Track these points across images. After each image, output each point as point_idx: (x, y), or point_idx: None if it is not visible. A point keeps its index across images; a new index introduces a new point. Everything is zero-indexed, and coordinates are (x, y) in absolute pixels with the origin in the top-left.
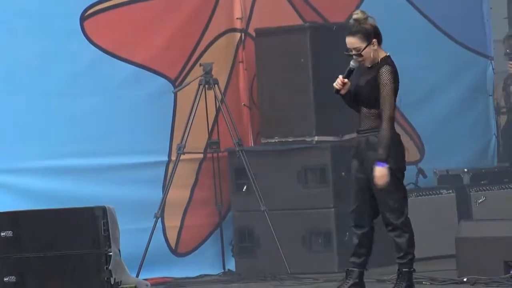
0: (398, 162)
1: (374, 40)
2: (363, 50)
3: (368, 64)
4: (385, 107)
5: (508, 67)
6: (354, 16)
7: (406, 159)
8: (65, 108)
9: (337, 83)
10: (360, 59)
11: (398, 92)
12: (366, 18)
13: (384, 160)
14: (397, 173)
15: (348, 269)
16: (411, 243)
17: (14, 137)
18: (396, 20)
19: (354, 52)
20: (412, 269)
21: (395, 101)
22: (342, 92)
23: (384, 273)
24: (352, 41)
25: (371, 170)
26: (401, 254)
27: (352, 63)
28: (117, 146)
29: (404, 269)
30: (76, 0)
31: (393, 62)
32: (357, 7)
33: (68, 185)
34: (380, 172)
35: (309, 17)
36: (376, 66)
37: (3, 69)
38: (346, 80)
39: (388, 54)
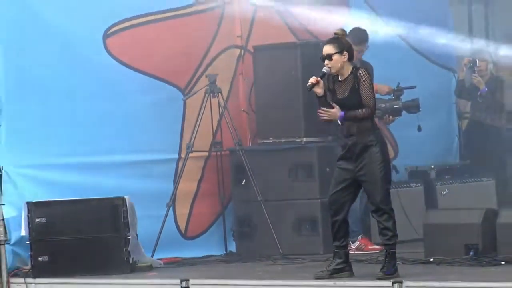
0: (387, 158)
1: (345, 52)
2: (333, 55)
3: (334, 72)
4: (368, 100)
5: (472, 78)
6: (335, 31)
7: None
8: (90, 112)
9: (311, 80)
10: (329, 64)
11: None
12: (344, 35)
13: (344, 116)
14: (387, 167)
15: (334, 251)
16: (395, 225)
17: (46, 137)
18: (376, 39)
19: (325, 56)
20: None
21: (374, 95)
22: (318, 90)
23: (362, 255)
24: (326, 48)
25: (368, 167)
26: (389, 236)
27: (324, 68)
28: (135, 145)
29: (391, 250)
30: (100, 21)
31: (363, 68)
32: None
33: (92, 179)
34: (334, 112)
35: (300, 34)
36: (350, 75)
37: (36, 77)
38: (318, 78)
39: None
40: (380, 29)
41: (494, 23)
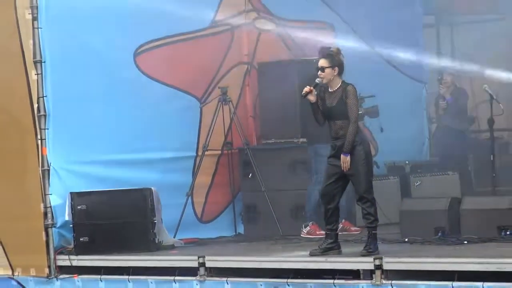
0: (369, 155)
1: (336, 67)
2: (325, 68)
3: (325, 82)
4: (351, 114)
5: (440, 88)
6: (331, 48)
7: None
8: (123, 117)
9: (305, 89)
10: (322, 75)
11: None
12: (338, 53)
13: (348, 152)
14: (370, 163)
15: (326, 233)
16: (376, 211)
17: (87, 138)
18: (360, 59)
19: (319, 68)
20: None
21: (358, 110)
22: (311, 97)
23: (348, 236)
24: (321, 62)
25: (353, 163)
26: (371, 220)
27: (317, 79)
28: (160, 144)
29: (373, 232)
30: (130, 41)
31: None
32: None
33: (125, 173)
34: (344, 159)
35: (296, 53)
36: (339, 88)
37: (81, 90)
38: (312, 88)
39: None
40: (360, 47)
41: (458, 42)
